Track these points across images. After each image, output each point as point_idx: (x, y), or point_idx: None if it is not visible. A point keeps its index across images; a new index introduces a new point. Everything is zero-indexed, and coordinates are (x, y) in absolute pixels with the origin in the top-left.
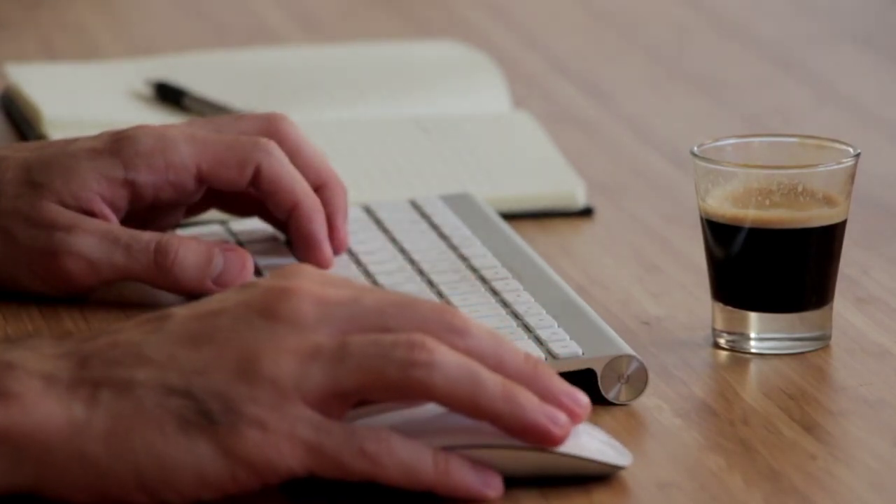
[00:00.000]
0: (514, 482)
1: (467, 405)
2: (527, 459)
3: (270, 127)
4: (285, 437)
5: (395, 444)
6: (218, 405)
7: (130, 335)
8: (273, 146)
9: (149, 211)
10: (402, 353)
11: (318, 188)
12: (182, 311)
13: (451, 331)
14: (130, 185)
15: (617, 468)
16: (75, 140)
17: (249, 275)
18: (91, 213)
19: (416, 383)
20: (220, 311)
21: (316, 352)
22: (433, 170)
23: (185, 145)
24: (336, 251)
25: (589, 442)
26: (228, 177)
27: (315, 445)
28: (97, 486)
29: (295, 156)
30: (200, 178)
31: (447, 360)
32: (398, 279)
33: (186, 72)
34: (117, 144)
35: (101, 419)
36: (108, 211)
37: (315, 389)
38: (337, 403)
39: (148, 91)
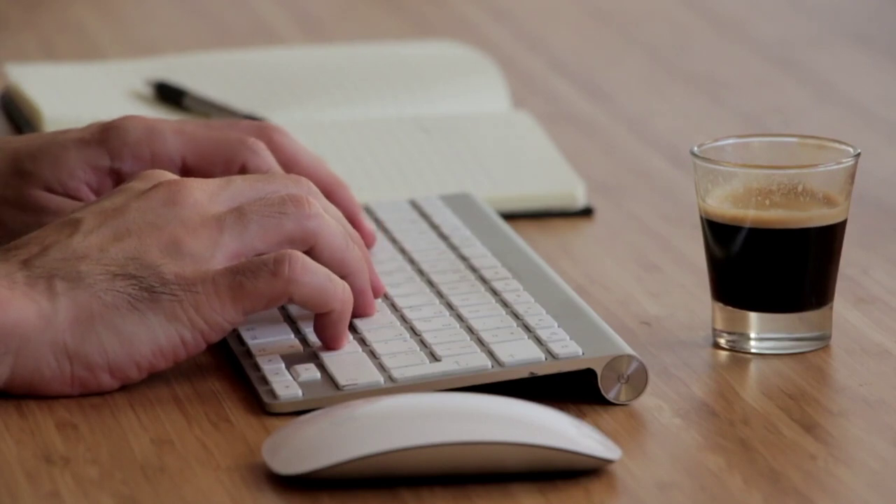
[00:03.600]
0: (512, 480)
1: (340, 249)
2: (521, 454)
3: (263, 136)
4: (213, 294)
5: (308, 265)
6: (156, 281)
7: (53, 240)
8: (260, 146)
9: None
10: (293, 209)
11: (326, 195)
12: (89, 216)
13: (310, 192)
14: (116, 174)
15: (607, 462)
16: (66, 131)
17: None
18: (78, 200)
19: (309, 232)
20: (125, 209)
21: (220, 222)
22: (433, 170)
23: (172, 137)
24: (369, 244)
25: (580, 438)
26: (213, 173)
27: (236, 287)
28: (66, 371)
29: (293, 166)
30: (185, 172)
31: (325, 215)
32: (398, 279)
33: (186, 72)
34: (105, 134)
35: (64, 308)
36: (93, 198)
37: (230, 253)
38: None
39: (148, 91)
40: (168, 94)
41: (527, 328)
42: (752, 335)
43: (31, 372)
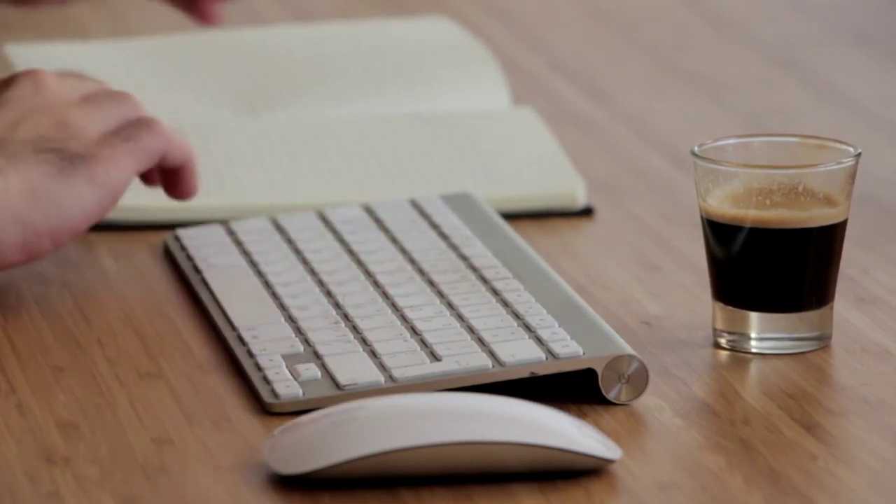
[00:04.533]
0: (513, 480)
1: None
2: (521, 454)
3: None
4: (116, 157)
5: (167, 125)
6: (69, 152)
7: None
8: None
9: None
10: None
11: None
12: None
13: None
14: None
15: (607, 462)
16: None
17: None
18: None
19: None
20: (3, 101)
21: (90, 98)
22: (433, 169)
23: None
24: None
25: (580, 438)
26: None
27: (132, 147)
28: (19, 240)
29: None
30: None
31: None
32: (398, 279)
33: (182, 53)
34: None
35: (14, 182)
36: None
37: (111, 120)
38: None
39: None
40: None
41: (527, 328)
42: (753, 335)
43: None
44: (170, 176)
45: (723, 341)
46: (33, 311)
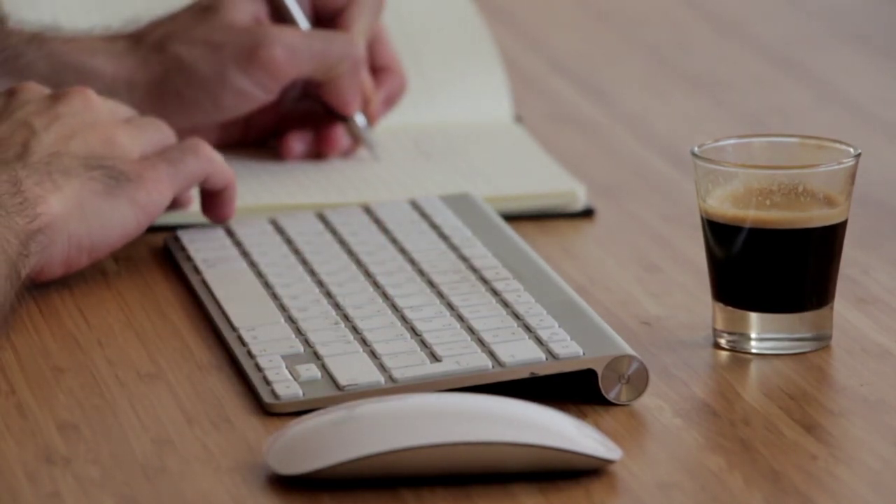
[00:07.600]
0: (513, 480)
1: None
2: (521, 454)
3: None
4: (158, 179)
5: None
6: (116, 171)
7: (21, 138)
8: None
9: None
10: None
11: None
12: (30, 118)
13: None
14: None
15: (607, 462)
16: None
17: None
18: None
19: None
20: (55, 113)
21: (131, 121)
22: (433, 170)
23: None
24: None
25: (580, 438)
26: None
27: (172, 171)
28: (65, 253)
29: None
30: None
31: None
32: (398, 279)
33: None
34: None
35: (69, 198)
36: None
37: (150, 144)
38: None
39: None
40: None
41: (527, 328)
42: (753, 335)
43: (50, 258)
44: (209, 197)
45: (723, 342)
46: (33, 311)
